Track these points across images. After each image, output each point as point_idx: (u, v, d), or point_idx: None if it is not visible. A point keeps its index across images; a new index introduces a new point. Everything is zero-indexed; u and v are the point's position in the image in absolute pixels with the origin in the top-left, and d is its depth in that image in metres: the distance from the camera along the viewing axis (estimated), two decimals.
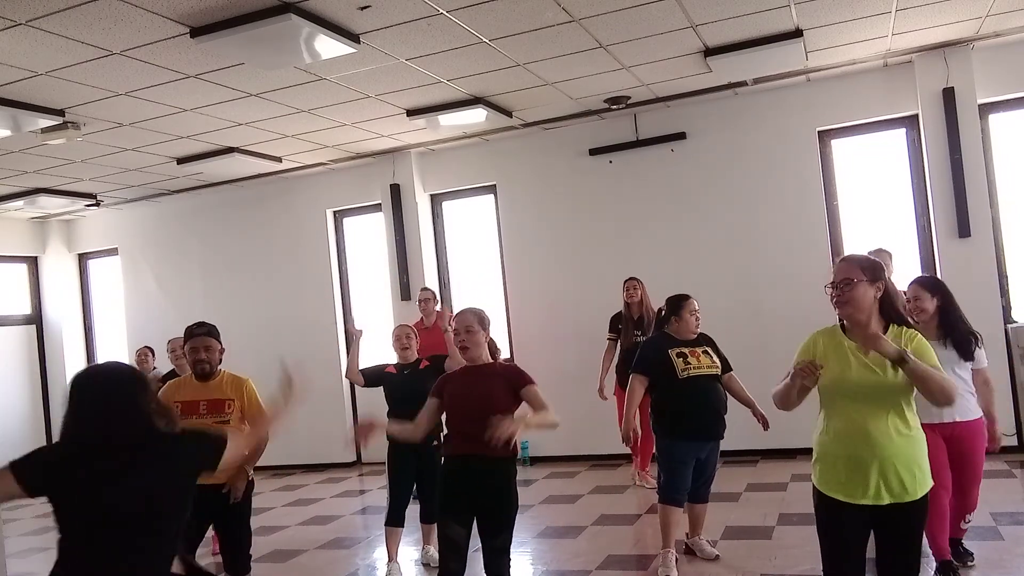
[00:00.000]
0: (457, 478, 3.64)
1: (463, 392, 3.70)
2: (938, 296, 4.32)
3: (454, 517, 3.61)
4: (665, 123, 8.09)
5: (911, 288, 4.41)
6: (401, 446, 5.10)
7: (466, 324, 3.76)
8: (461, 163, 9.02)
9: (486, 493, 3.60)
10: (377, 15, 4.98)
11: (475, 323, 3.78)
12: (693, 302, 4.90)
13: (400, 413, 5.17)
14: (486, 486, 3.60)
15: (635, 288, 7.15)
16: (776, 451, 7.46)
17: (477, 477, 3.58)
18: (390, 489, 5.22)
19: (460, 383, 3.76)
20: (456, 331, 3.81)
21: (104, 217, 10.70)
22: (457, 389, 3.74)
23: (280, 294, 9.86)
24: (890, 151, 7.65)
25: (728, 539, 5.34)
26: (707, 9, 5.47)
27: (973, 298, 6.87)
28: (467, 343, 3.75)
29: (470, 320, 3.78)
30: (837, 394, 2.97)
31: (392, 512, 5.16)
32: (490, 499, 3.61)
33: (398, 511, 5.16)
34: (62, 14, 4.50)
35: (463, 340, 3.76)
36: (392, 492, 5.19)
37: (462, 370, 3.87)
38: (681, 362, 4.74)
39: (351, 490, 8.17)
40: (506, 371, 3.84)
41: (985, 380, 4.38)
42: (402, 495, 5.18)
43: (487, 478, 3.59)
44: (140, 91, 5.99)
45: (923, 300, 4.30)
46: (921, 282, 4.45)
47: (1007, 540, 4.82)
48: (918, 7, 5.85)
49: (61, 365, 10.79)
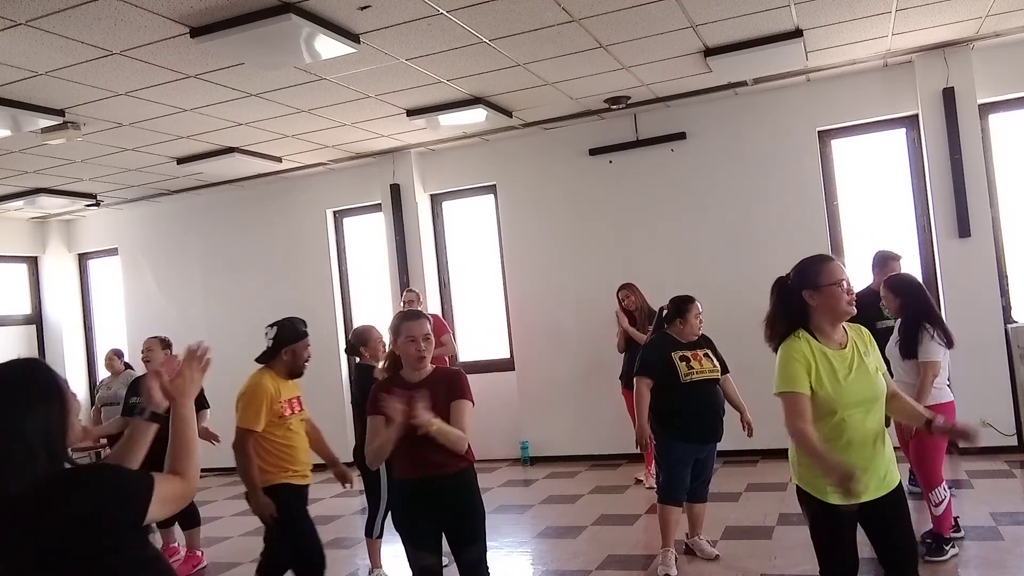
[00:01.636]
0: (417, 503, 3.34)
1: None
2: (900, 297, 4.62)
3: (424, 547, 3.37)
4: (665, 123, 8.09)
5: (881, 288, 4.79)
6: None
7: (425, 331, 3.34)
8: (461, 163, 9.02)
9: (451, 510, 3.35)
10: (377, 15, 4.98)
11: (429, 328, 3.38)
12: (697, 305, 4.92)
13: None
14: (449, 504, 3.34)
15: (627, 295, 7.18)
16: (776, 451, 7.41)
17: (437, 497, 3.31)
18: (381, 501, 5.15)
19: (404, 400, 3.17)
20: (412, 338, 3.31)
21: (104, 217, 10.70)
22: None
23: (280, 294, 9.85)
24: (890, 151, 7.66)
25: (728, 539, 5.34)
26: (707, 9, 5.47)
27: (973, 298, 6.91)
28: (425, 352, 3.33)
29: (427, 327, 3.37)
30: (842, 404, 2.85)
31: (381, 526, 5.15)
32: (456, 515, 3.36)
33: (384, 524, 5.14)
34: (62, 14, 4.50)
35: (422, 350, 3.31)
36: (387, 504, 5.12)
37: (402, 383, 3.34)
38: (684, 366, 4.74)
39: (351, 490, 8.14)
40: (449, 380, 3.38)
41: (924, 373, 4.49)
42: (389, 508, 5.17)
43: (448, 496, 3.33)
44: (140, 91, 5.99)
45: (887, 299, 4.65)
46: (887, 283, 4.77)
47: (1007, 540, 4.81)
48: (918, 7, 5.85)
49: (61, 365, 10.78)
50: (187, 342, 2.26)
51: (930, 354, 4.48)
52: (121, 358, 8.46)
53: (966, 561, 4.55)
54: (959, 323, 6.86)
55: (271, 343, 4.36)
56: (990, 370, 6.89)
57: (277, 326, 4.39)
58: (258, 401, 4.26)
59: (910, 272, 5.56)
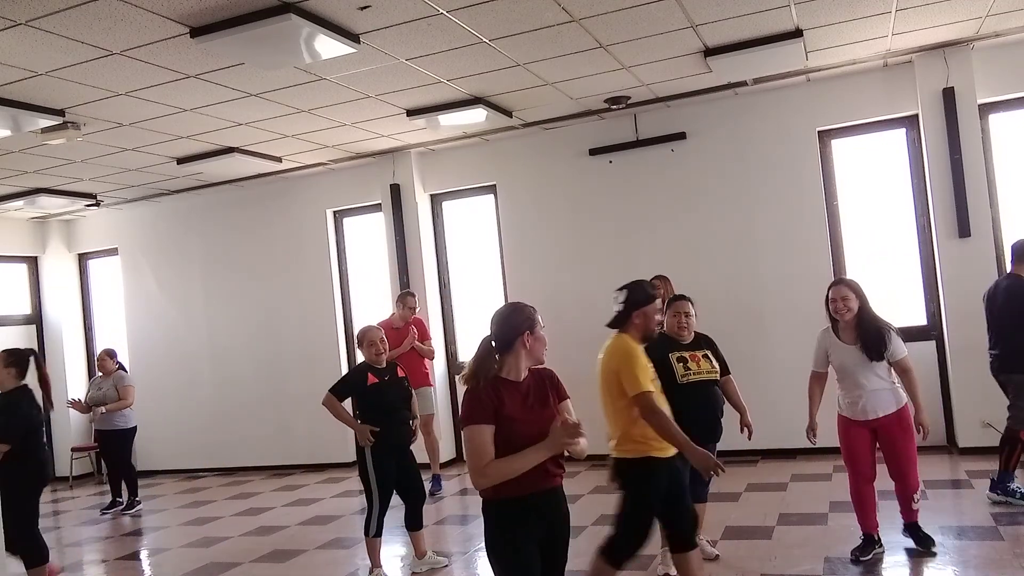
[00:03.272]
0: (529, 524, 2.87)
1: (525, 416, 2.87)
2: (860, 298, 4.61)
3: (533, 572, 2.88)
4: (665, 123, 8.09)
5: (836, 288, 4.68)
6: (384, 454, 5.11)
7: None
8: (461, 163, 9.02)
9: (562, 525, 2.98)
10: (377, 15, 4.98)
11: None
12: (683, 304, 4.85)
13: (390, 421, 5.19)
14: (560, 519, 2.98)
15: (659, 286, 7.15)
16: (776, 451, 7.46)
17: (550, 513, 2.93)
18: (375, 499, 5.15)
19: (518, 401, 2.88)
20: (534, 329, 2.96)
21: (104, 217, 10.70)
22: (517, 411, 2.86)
23: (280, 294, 9.86)
24: (890, 151, 7.65)
25: (728, 539, 5.34)
26: (707, 9, 5.47)
27: (973, 298, 6.87)
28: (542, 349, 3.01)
29: None
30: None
31: (378, 524, 5.15)
32: (564, 530, 3.00)
33: (382, 521, 5.16)
34: (62, 14, 4.50)
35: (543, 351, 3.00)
36: (379, 503, 5.15)
37: (507, 383, 2.92)
38: (681, 367, 4.74)
39: (351, 490, 8.16)
40: (550, 378, 3.08)
41: (904, 369, 4.60)
42: (386, 505, 5.18)
43: (560, 507, 2.98)
44: (140, 91, 5.99)
45: (850, 300, 4.58)
46: (848, 283, 4.72)
47: (1007, 540, 4.82)
48: (918, 7, 5.85)
49: (61, 365, 10.79)
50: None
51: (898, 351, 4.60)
52: (114, 358, 8.56)
53: (966, 561, 4.55)
54: (959, 323, 6.89)
55: (621, 307, 3.92)
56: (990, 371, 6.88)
57: (627, 289, 3.95)
58: (636, 362, 3.78)
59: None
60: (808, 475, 6.88)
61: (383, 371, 5.28)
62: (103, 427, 8.28)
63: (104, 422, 8.22)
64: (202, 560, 6.16)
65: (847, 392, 4.64)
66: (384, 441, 5.12)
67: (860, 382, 4.56)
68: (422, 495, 5.38)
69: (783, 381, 7.58)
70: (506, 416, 2.81)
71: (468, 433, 2.81)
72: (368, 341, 5.27)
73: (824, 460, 7.16)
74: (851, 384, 4.60)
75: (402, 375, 5.43)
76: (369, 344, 5.26)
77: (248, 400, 9.99)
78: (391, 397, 5.23)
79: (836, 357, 4.67)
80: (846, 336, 4.64)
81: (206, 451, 10.20)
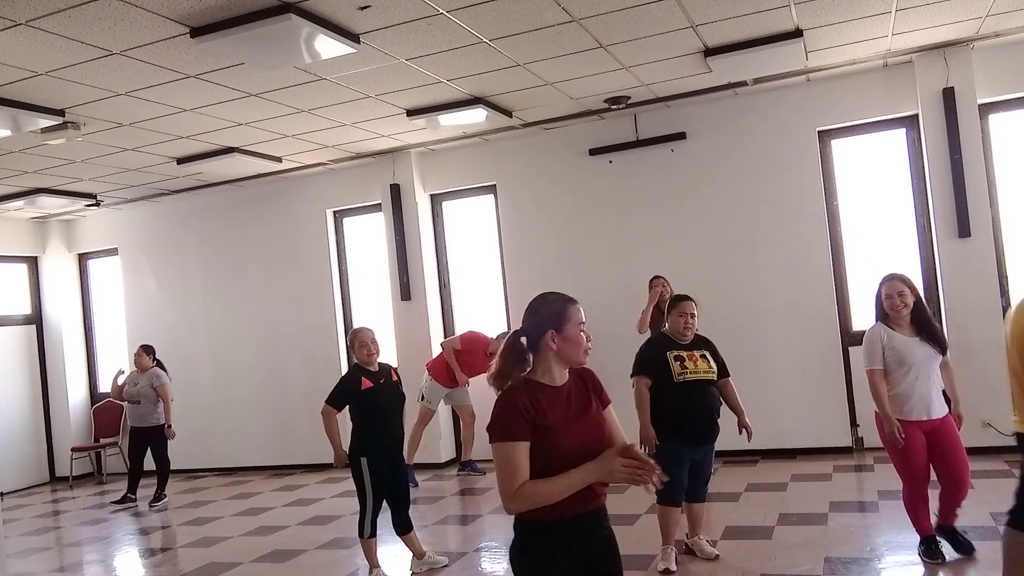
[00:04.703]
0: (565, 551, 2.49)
1: (567, 425, 2.48)
2: (914, 293, 4.53)
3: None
4: (665, 123, 8.09)
5: (891, 284, 4.52)
6: (378, 458, 5.12)
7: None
8: (461, 163, 9.02)
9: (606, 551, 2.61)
10: (377, 15, 4.98)
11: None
12: (688, 305, 4.87)
13: (384, 424, 5.18)
14: (612, 544, 2.64)
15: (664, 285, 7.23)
16: (776, 451, 7.46)
17: (598, 531, 2.59)
18: (368, 502, 5.16)
19: (559, 409, 2.50)
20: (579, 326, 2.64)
21: (104, 217, 10.70)
22: (557, 420, 2.47)
23: (280, 294, 9.86)
24: (890, 151, 7.65)
25: (728, 539, 5.34)
26: (707, 9, 5.47)
27: (973, 298, 6.90)
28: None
29: None
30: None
31: (371, 525, 5.17)
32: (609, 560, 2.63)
33: (375, 522, 5.18)
34: (62, 14, 4.50)
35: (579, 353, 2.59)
36: (373, 505, 5.16)
37: (545, 388, 2.53)
38: (678, 366, 4.75)
39: (351, 490, 8.10)
40: (591, 378, 2.69)
41: (945, 363, 4.57)
42: (379, 507, 5.19)
43: (607, 527, 2.64)
44: (140, 91, 5.99)
45: (907, 296, 4.47)
46: (902, 278, 4.55)
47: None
48: (918, 7, 5.85)
49: (61, 365, 10.80)
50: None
51: None
52: (151, 354, 8.68)
53: (966, 561, 4.55)
54: (959, 323, 6.89)
55: None
56: (990, 370, 6.88)
57: None
58: None
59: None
60: (808, 475, 6.88)
61: (376, 374, 5.25)
62: (141, 424, 8.60)
63: (142, 419, 8.53)
64: (202, 560, 6.16)
65: (908, 390, 4.40)
66: (378, 444, 5.13)
67: (931, 378, 4.41)
68: (407, 501, 5.40)
69: (783, 381, 7.60)
70: (544, 426, 2.42)
71: (499, 450, 2.41)
72: (359, 342, 5.23)
73: (824, 460, 7.16)
74: (914, 381, 4.39)
75: (396, 379, 5.42)
76: (360, 345, 5.22)
77: (248, 400, 9.99)
78: (385, 401, 5.22)
79: (899, 353, 4.41)
80: (904, 332, 4.47)
81: (206, 451, 10.20)
